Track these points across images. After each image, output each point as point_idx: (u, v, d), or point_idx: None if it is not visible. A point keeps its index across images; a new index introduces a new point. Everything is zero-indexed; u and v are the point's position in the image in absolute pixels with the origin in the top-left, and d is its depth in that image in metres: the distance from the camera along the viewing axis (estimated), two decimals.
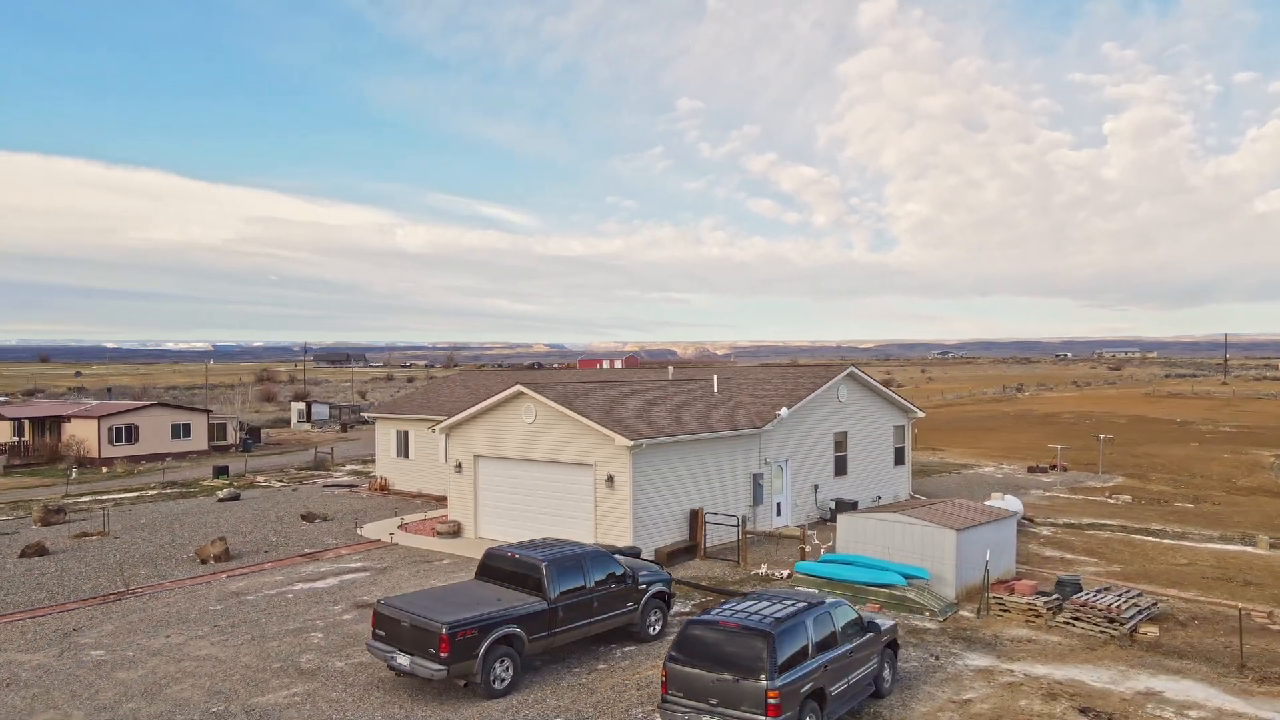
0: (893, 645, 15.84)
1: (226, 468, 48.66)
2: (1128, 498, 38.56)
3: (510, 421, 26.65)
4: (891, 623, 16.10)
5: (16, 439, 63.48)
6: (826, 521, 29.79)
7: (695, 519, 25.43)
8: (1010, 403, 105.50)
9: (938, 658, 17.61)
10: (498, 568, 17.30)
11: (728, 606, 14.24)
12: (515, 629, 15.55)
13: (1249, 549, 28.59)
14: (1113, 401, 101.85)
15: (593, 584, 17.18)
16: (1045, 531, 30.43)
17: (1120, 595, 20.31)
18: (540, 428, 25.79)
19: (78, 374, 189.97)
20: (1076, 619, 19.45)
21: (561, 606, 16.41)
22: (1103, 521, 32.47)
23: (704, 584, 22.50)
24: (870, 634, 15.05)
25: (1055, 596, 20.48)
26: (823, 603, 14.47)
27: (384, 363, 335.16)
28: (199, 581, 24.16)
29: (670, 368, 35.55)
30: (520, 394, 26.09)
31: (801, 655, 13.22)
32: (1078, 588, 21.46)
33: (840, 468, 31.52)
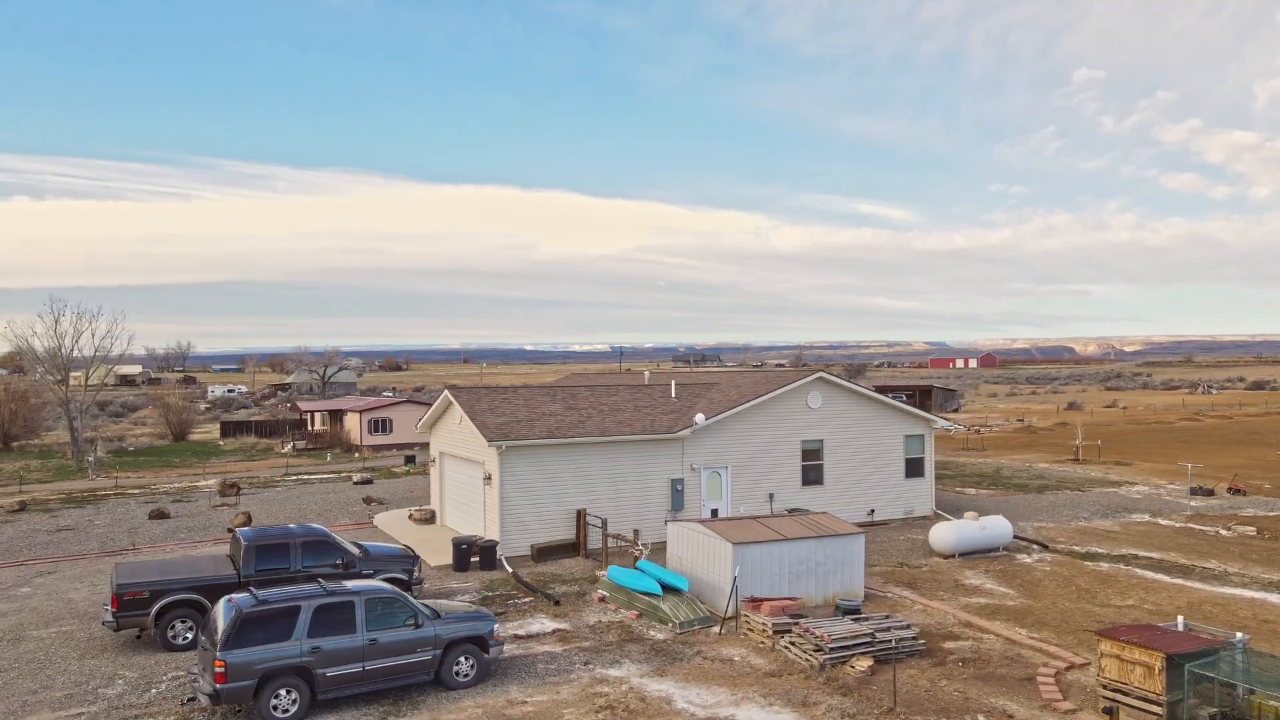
0: (478, 642, 16.64)
1: (414, 457, 56.27)
2: (1250, 530, 31.99)
3: (451, 422, 29.52)
4: (473, 621, 16.82)
5: (310, 428, 77.89)
6: None
7: (579, 519, 26.53)
8: None
9: (589, 664, 17.83)
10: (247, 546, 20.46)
11: (277, 590, 16.20)
12: (195, 595, 18.61)
13: (1274, 596, 23.38)
14: None
15: (301, 566, 19.70)
16: (1030, 558, 27.02)
17: (878, 624, 18.62)
18: (464, 428, 28.38)
19: (480, 372, 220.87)
20: (793, 644, 18.33)
21: (255, 582, 19.13)
22: (1142, 553, 27.85)
23: (527, 580, 23.80)
24: (424, 630, 16.09)
25: (805, 619, 19.27)
26: (352, 593, 15.90)
27: (739, 363, 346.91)
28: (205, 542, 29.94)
29: (646, 373, 35.81)
30: (447, 398, 28.87)
31: (280, 636, 14.91)
32: (856, 612, 19.89)
33: (812, 477, 30.26)
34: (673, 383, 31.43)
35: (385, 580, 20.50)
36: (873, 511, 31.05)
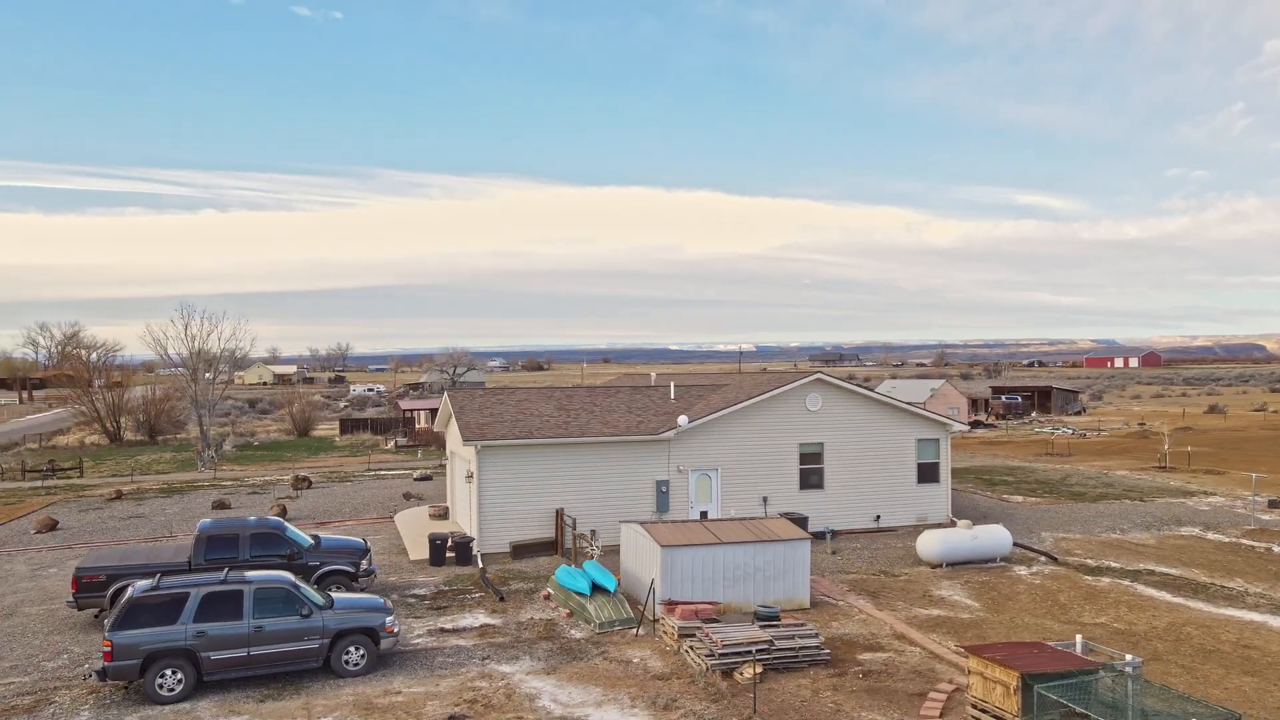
0: (369, 633, 17.40)
1: None
2: None
3: (454, 422, 30.58)
4: (365, 613, 17.57)
5: (415, 426, 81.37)
6: None
7: (558, 518, 27.01)
8: None
9: (488, 659, 18.31)
10: None
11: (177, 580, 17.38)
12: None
13: (1275, 620, 21.44)
14: None
15: (249, 556, 21.03)
16: (1026, 571, 25.68)
17: (783, 632, 18.30)
18: (456, 427, 29.36)
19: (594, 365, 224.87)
20: (692, 648, 18.25)
21: (205, 569, 20.54)
22: (1160, 569, 26.00)
23: (487, 577, 24.45)
24: (312, 620, 16.97)
25: (718, 623, 19.10)
26: (242, 582, 16.94)
27: (879, 362, 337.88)
28: None
29: (653, 375, 35.53)
30: (445, 400, 29.92)
31: (166, 620, 16.10)
32: (775, 619, 19.55)
33: (811, 481, 29.64)
34: (671, 384, 31.43)
35: (330, 571, 21.69)
36: (878, 517, 30.13)
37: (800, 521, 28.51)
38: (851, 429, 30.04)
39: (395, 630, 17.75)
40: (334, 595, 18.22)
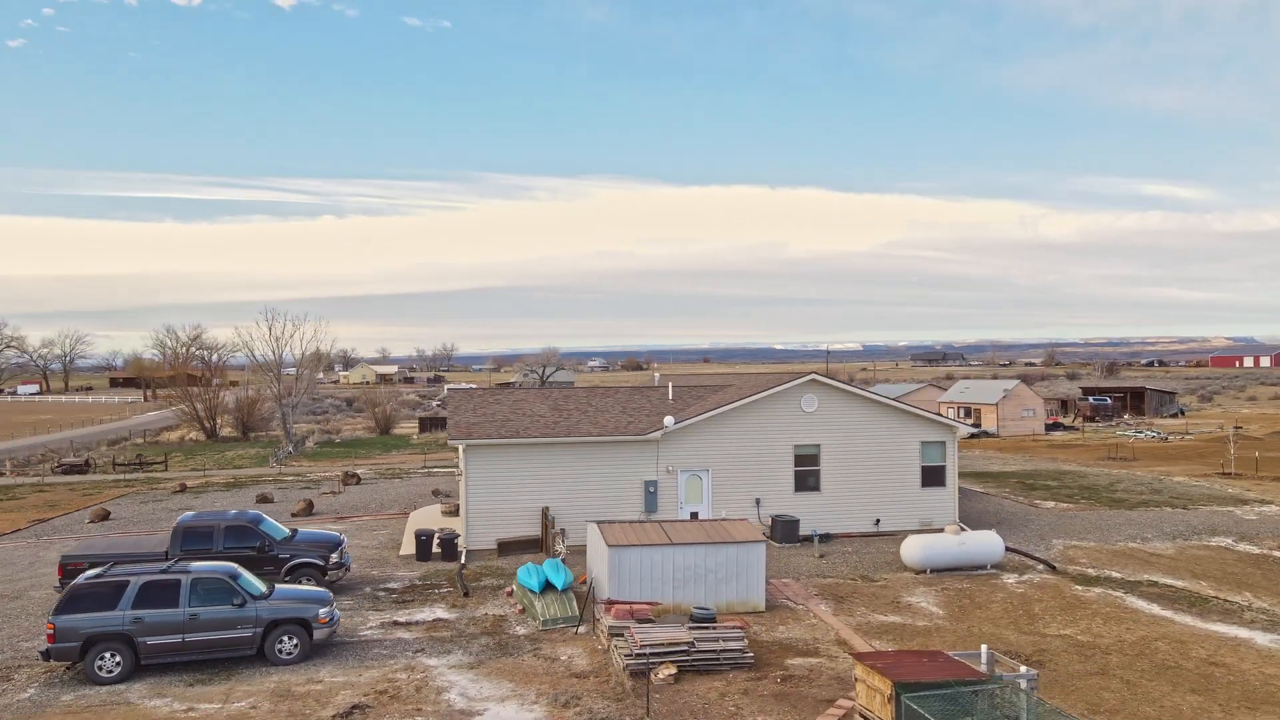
0: (303, 623, 18.14)
1: None
2: None
3: None
4: (299, 604, 18.31)
5: None
6: (768, 537, 28.45)
7: (544, 517, 27.42)
8: None
9: (420, 652, 18.83)
10: None
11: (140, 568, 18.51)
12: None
13: (1267, 639, 20.17)
14: None
15: (223, 548, 22.14)
16: (1013, 579, 24.82)
17: (707, 634, 18.27)
18: None
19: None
20: (617, 648, 18.38)
21: (182, 559, 21.68)
22: (1164, 581, 24.77)
23: (462, 572, 25.02)
24: (246, 609, 17.81)
25: (651, 623, 19.16)
26: (180, 572, 17.91)
27: (986, 361, 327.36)
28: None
29: (656, 375, 35.34)
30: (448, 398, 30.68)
31: (106, 607, 17.17)
32: (710, 621, 19.49)
33: (806, 483, 29.22)
34: (670, 385, 31.44)
35: (300, 564, 22.63)
36: (878, 521, 29.51)
37: (791, 524, 28.33)
38: (850, 431, 29.51)
39: (329, 621, 18.44)
40: (278, 587, 19.05)
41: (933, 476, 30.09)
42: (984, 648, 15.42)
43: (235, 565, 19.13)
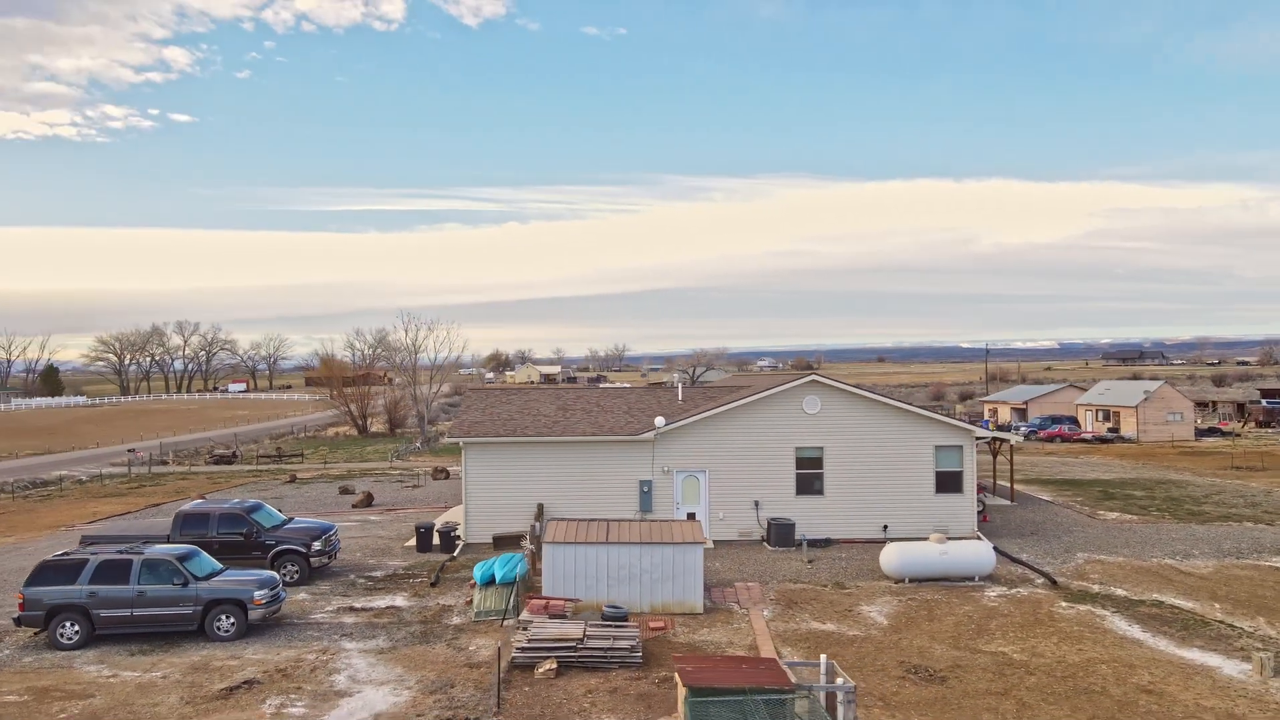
0: (238, 604, 19.79)
1: None
2: None
3: None
4: (237, 585, 19.94)
5: None
6: (764, 539, 28.24)
7: (538, 514, 28.24)
8: None
9: (347, 637, 20.10)
10: None
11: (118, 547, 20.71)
12: None
13: (1236, 669, 18.39)
14: None
15: (217, 533, 24.30)
16: (995, 591, 23.53)
17: (601, 632, 18.58)
18: None
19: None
20: (515, 641, 18.97)
21: (181, 542, 23.95)
22: (1169, 601, 22.87)
23: (446, 565, 26.22)
24: (187, 589, 19.63)
25: (563, 619, 19.62)
26: (134, 553, 19.92)
27: (1191, 360, 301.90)
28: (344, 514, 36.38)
29: (675, 375, 34.80)
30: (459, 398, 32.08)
31: (68, 581, 19.39)
32: (622, 619, 19.72)
33: (809, 486, 28.60)
34: (679, 386, 31.50)
35: (284, 550, 24.47)
36: (886, 527, 28.52)
37: (786, 528, 27.94)
38: (856, 434, 28.68)
39: (265, 603, 20.00)
40: (225, 570, 20.83)
41: (948, 482, 28.77)
42: (823, 658, 15.02)
43: (194, 548, 21.05)
